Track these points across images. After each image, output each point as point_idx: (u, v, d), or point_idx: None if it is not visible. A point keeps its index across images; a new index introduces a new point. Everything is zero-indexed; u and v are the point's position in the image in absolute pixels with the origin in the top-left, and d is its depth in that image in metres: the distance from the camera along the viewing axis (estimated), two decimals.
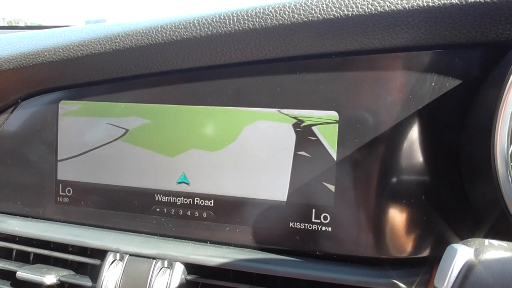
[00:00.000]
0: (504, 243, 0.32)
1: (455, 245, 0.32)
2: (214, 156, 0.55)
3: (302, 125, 0.52)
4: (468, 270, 0.30)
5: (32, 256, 0.63)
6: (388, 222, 0.50)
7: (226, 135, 0.55)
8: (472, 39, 0.47)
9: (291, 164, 0.52)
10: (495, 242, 0.32)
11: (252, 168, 0.54)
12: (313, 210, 0.52)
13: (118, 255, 0.56)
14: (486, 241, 0.32)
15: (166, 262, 0.54)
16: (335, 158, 0.51)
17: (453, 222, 0.49)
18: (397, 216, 0.50)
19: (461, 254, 0.32)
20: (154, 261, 0.55)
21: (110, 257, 0.57)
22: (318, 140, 0.51)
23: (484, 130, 0.41)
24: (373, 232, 0.50)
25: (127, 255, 0.56)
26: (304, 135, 0.52)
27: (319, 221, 0.52)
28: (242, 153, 0.54)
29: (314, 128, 0.51)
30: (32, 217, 0.65)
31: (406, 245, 0.50)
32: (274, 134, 0.53)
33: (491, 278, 0.29)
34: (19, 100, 0.65)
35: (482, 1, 0.43)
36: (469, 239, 0.33)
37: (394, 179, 0.49)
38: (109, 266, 0.56)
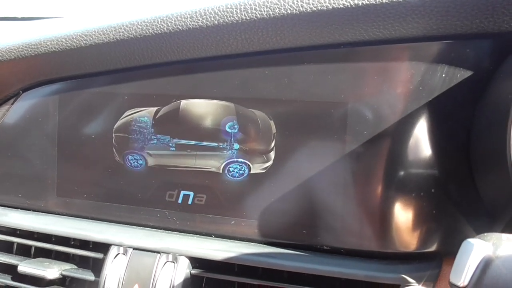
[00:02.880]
0: None
1: (471, 240, 0.31)
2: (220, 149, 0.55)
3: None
4: (485, 265, 0.29)
5: (33, 250, 0.63)
6: (397, 216, 0.49)
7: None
8: (484, 29, 0.46)
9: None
10: None
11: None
12: (320, 203, 0.51)
13: (121, 249, 0.56)
14: (504, 235, 0.31)
15: (170, 256, 0.54)
16: (344, 151, 0.50)
17: (462, 216, 0.49)
18: (406, 210, 0.49)
19: (478, 249, 0.31)
20: (159, 255, 0.54)
21: (113, 251, 0.56)
22: (326, 132, 0.50)
23: (498, 123, 0.40)
24: (381, 226, 0.49)
25: (131, 249, 0.55)
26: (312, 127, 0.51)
27: (326, 214, 0.51)
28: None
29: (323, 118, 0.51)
30: (34, 210, 0.65)
31: (415, 239, 0.49)
32: None
33: (510, 273, 0.28)
34: (20, 91, 0.64)
35: None
36: (486, 234, 0.32)
37: (404, 172, 0.48)
38: (113, 260, 0.55)
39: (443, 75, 0.47)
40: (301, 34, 0.49)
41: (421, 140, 0.48)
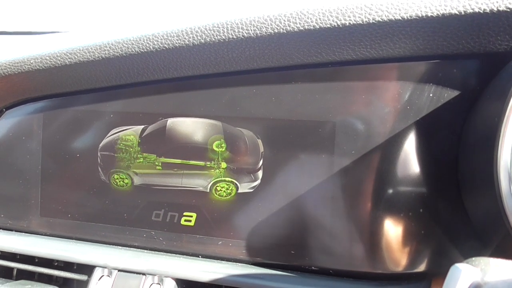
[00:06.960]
0: (510, 262, 0.31)
1: (459, 265, 0.31)
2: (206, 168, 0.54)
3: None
4: None
5: (15, 272, 0.61)
6: (385, 236, 0.48)
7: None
8: (470, 50, 0.46)
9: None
10: (501, 261, 0.31)
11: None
12: (308, 223, 0.51)
13: (106, 271, 0.54)
14: (492, 260, 0.31)
15: (156, 278, 0.52)
16: (332, 170, 0.49)
17: (451, 237, 0.48)
18: (394, 230, 0.48)
19: (466, 274, 0.30)
20: (144, 277, 0.53)
21: (97, 273, 0.54)
22: (314, 151, 0.50)
23: (485, 144, 0.40)
24: (370, 246, 0.49)
25: (116, 271, 0.54)
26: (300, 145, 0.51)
27: (314, 234, 0.50)
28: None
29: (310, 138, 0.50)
30: (16, 231, 0.63)
31: (403, 259, 0.49)
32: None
33: None
34: (4, 109, 0.63)
35: (481, 11, 0.42)
36: (474, 258, 0.32)
37: (392, 192, 0.48)
38: (97, 282, 0.54)
39: (431, 95, 0.47)
40: (288, 53, 0.49)
41: (409, 159, 0.48)
